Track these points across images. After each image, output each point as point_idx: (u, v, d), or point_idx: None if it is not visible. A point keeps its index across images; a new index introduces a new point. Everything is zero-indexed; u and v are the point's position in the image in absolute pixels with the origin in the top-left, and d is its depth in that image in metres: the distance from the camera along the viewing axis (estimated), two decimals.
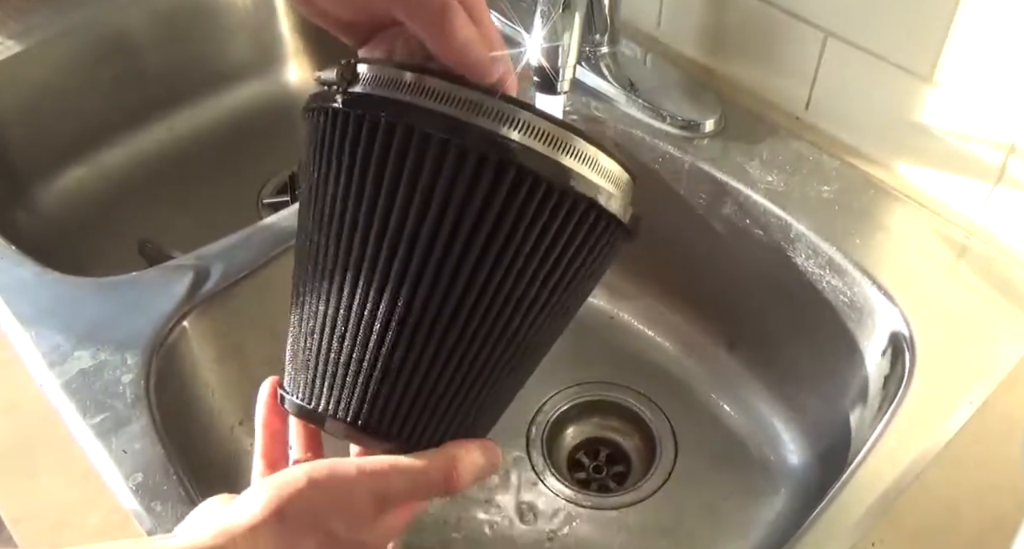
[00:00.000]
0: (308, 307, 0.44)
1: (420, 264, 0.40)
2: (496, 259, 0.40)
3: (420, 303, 0.40)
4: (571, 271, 0.43)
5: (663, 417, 0.82)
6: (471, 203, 0.39)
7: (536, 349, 0.46)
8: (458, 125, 0.39)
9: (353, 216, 0.41)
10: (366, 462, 0.41)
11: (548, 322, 0.44)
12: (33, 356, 0.64)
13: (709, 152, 0.78)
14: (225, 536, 0.38)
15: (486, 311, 0.41)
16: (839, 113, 0.79)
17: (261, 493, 0.40)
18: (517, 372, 0.46)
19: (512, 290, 0.41)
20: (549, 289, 0.43)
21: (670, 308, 0.87)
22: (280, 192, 1.03)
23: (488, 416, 0.47)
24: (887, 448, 0.59)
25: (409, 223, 0.40)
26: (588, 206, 0.41)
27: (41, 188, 0.98)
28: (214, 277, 0.69)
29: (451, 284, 0.40)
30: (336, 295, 0.42)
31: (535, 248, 0.41)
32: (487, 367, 0.43)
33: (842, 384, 0.73)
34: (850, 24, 0.73)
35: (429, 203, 0.40)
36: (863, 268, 0.69)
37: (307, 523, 0.40)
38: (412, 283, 0.40)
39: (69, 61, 0.96)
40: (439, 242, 0.40)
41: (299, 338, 0.45)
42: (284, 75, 1.13)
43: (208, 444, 0.71)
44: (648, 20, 0.90)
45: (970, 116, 0.69)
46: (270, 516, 0.39)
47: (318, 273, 0.43)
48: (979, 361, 0.64)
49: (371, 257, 0.41)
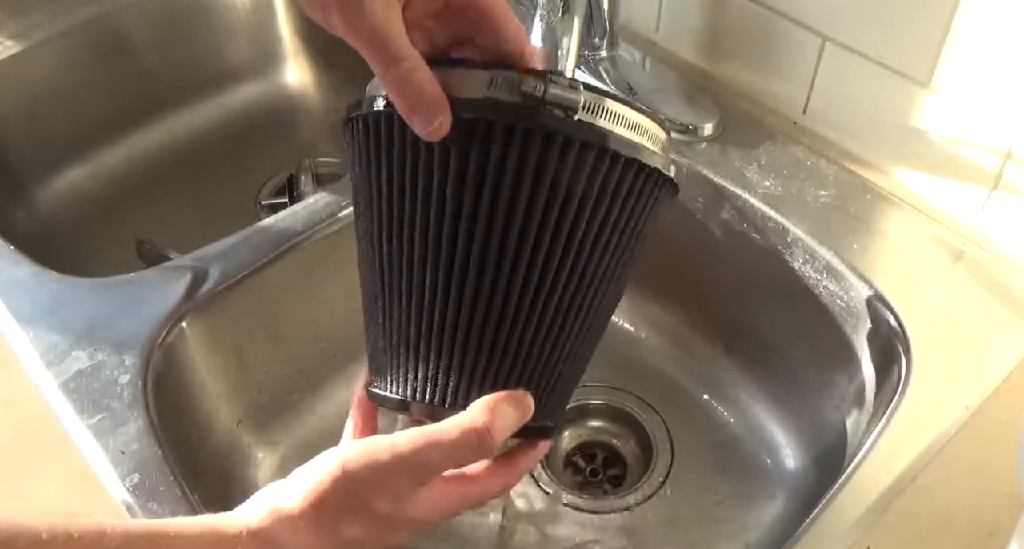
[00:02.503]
0: (390, 302, 0.46)
1: (483, 238, 0.42)
2: (556, 224, 0.43)
3: (489, 278, 0.43)
4: (625, 231, 0.45)
5: (659, 420, 0.82)
6: (523, 176, 0.41)
7: (603, 314, 0.48)
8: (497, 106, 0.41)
9: (412, 208, 0.43)
10: (400, 441, 0.43)
11: (612, 284, 0.47)
12: (30, 356, 0.64)
13: (707, 156, 0.78)
14: (275, 519, 0.42)
15: (554, 276, 0.44)
16: (837, 118, 0.79)
17: (302, 484, 0.42)
18: (590, 338, 0.48)
19: (575, 256, 0.44)
20: (609, 251, 0.45)
21: (667, 311, 0.87)
22: (279, 193, 1.02)
23: (567, 384, 0.49)
24: (883, 452, 0.59)
25: (466, 202, 0.42)
26: (629, 164, 0.43)
27: (39, 188, 0.98)
28: (212, 278, 0.69)
29: (516, 254, 0.43)
30: (407, 288, 0.45)
31: (592, 213, 0.43)
32: (560, 336, 0.46)
33: (838, 388, 0.73)
34: (848, 29, 0.73)
35: (483, 181, 0.42)
36: (860, 273, 0.69)
37: (345, 508, 0.42)
38: (478, 260, 0.43)
39: (68, 61, 0.96)
40: (497, 215, 0.42)
41: (381, 335, 0.47)
42: (283, 76, 1.13)
43: (206, 445, 0.71)
44: (646, 24, 0.90)
45: (967, 122, 0.69)
46: (308, 507, 0.42)
47: (385, 270, 0.45)
48: (975, 366, 0.64)
49: (434, 247, 0.43)
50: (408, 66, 0.41)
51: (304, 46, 1.12)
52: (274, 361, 0.76)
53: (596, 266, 0.45)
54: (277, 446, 0.77)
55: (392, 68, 0.41)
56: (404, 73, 0.41)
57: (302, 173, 0.99)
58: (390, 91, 0.41)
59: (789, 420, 0.79)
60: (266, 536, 0.42)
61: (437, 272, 0.44)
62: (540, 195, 0.42)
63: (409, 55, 0.41)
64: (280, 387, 0.77)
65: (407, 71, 0.41)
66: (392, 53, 0.41)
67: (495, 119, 0.41)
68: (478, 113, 0.41)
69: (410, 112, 0.41)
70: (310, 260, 0.74)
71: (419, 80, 0.41)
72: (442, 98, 0.41)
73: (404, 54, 0.41)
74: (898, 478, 0.58)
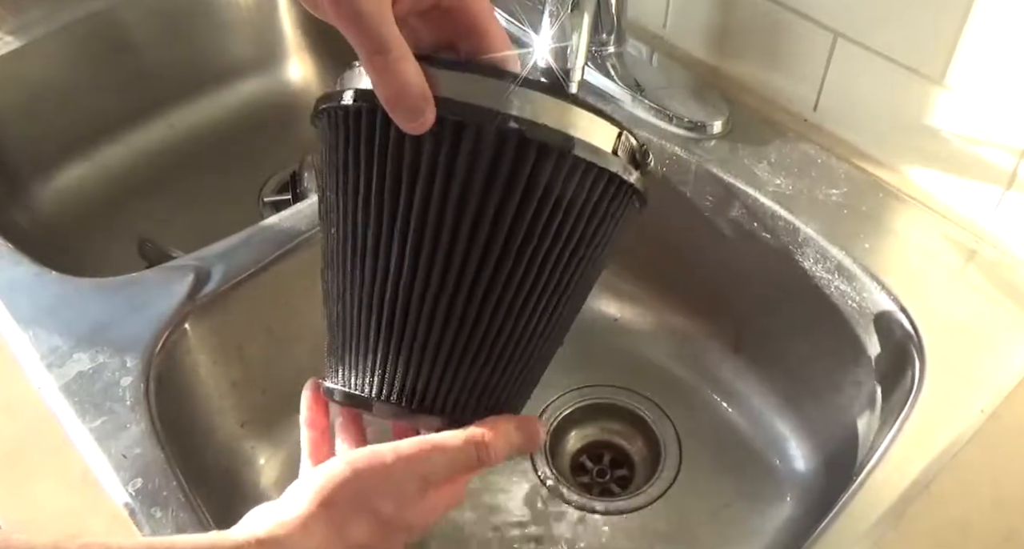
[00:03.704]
0: (345, 297, 0.46)
1: (450, 238, 0.42)
2: (526, 230, 0.43)
3: (454, 278, 0.43)
4: (591, 237, 0.45)
5: (667, 421, 0.81)
6: (495, 180, 0.41)
7: (565, 319, 0.49)
8: (468, 109, 0.41)
9: (378, 202, 0.43)
10: (403, 445, 0.44)
11: (575, 290, 0.47)
12: (31, 358, 0.63)
13: (716, 154, 0.77)
14: (281, 527, 0.41)
15: (520, 282, 0.44)
16: (848, 115, 0.78)
17: (308, 486, 0.43)
18: (550, 342, 0.49)
19: (542, 261, 0.44)
20: (573, 257, 0.45)
21: (675, 311, 0.86)
22: (282, 190, 1.02)
23: (525, 386, 0.50)
24: (896, 457, 0.58)
25: (434, 200, 0.42)
26: (596, 171, 0.43)
27: (40, 186, 0.97)
28: (215, 278, 0.69)
29: (483, 257, 0.43)
30: (371, 280, 0.44)
31: (557, 217, 0.43)
32: (523, 338, 0.46)
33: (849, 390, 0.72)
34: (860, 25, 0.72)
35: (450, 182, 0.41)
36: (872, 273, 0.68)
37: (354, 507, 0.43)
38: (444, 258, 0.42)
39: (68, 57, 0.95)
40: (466, 216, 0.42)
41: (338, 328, 0.47)
42: (286, 72, 1.12)
43: (209, 448, 0.70)
44: (655, 20, 0.89)
45: (981, 120, 0.68)
46: (318, 507, 0.42)
47: (350, 261, 0.45)
48: (989, 368, 0.63)
49: (400, 238, 0.43)
50: (396, 55, 0.40)
51: (307, 41, 1.11)
52: (278, 362, 0.75)
53: (565, 271, 0.45)
54: (281, 449, 0.76)
55: (378, 56, 0.40)
56: (391, 62, 0.40)
57: (305, 170, 0.98)
58: (374, 79, 0.41)
59: (799, 421, 0.78)
60: (275, 541, 0.41)
61: (404, 269, 0.43)
62: (526, 200, 0.42)
63: (398, 44, 0.40)
64: (284, 388, 0.76)
65: (394, 60, 0.40)
66: (380, 40, 0.40)
67: (485, 122, 0.41)
68: (465, 116, 0.41)
69: (394, 103, 0.41)
70: (314, 260, 0.72)
71: (406, 71, 0.40)
72: (427, 92, 0.41)
73: (392, 43, 0.40)
74: (912, 484, 0.57)
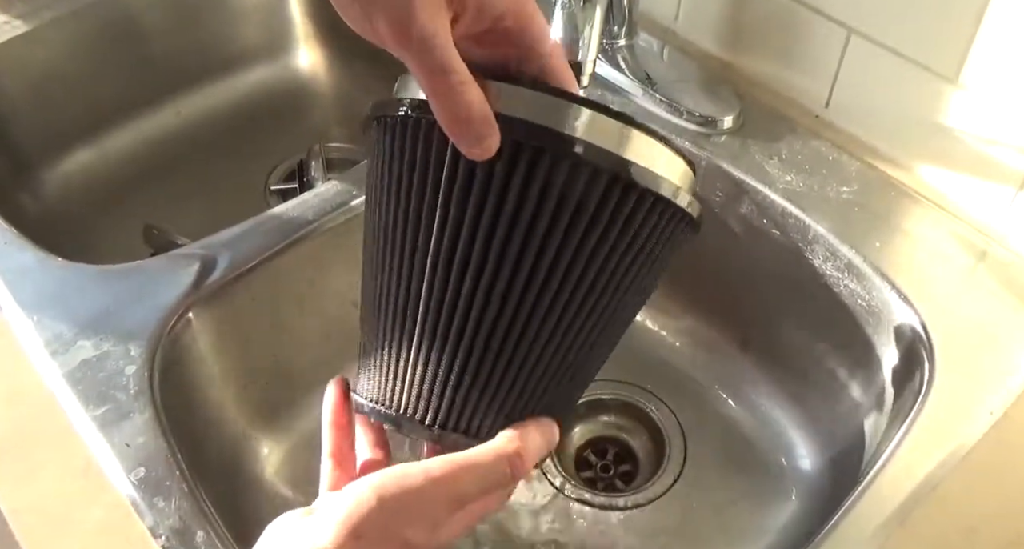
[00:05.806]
0: (385, 313, 0.45)
1: (497, 260, 0.41)
2: (573, 255, 0.42)
3: (498, 299, 0.42)
4: (637, 263, 0.44)
5: (672, 417, 0.81)
6: (545, 203, 0.40)
7: (607, 347, 0.48)
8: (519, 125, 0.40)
9: (428, 221, 0.42)
10: (433, 467, 0.42)
11: (619, 320, 0.46)
12: (35, 344, 0.63)
13: (727, 149, 0.77)
14: None
15: (563, 311, 0.43)
16: (860, 112, 0.77)
17: (334, 516, 0.40)
18: (588, 370, 0.48)
19: (588, 291, 0.43)
20: (616, 283, 0.44)
21: (682, 307, 0.86)
22: (289, 178, 1.02)
23: (563, 407, 0.48)
24: (904, 459, 0.58)
25: (483, 223, 0.41)
26: (650, 197, 0.42)
27: (46, 172, 0.97)
28: (221, 267, 0.68)
29: (528, 280, 0.42)
30: (415, 300, 0.43)
31: (620, 249, 0.42)
32: (563, 367, 0.45)
33: (857, 389, 0.72)
34: (874, 21, 0.71)
35: (503, 205, 0.40)
36: (882, 272, 0.68)
37: (384, 537, 0.41)
38: (489, 280, 0.41)
39: (76, 43, 0.95)
40: (514, 240, 0.41)
41: (375, 343, 0.46)
42: (294, 60, 1.11)
43: (212, 438, 0.70)
44: (666, 13, 0.88)
45: (995, 119, 0.68)
46: (347, 539, 0.40)
47: (395, 279, 0.44)
48: (999, 370, 0.63)
49: (446, 258, 0.42)
50: (457, 79, 0.39)
51: (316, 29, 1.10)
52: (283, 352, 0.75)
53: (609, 295, 0.44)
54: (284, 439, 0.76)
55: (440, 79, 0.39)
56: (454, 86, 0.39)
57: (312, 158, 0.98)
58: (434, 104, 0.39)
59: (805, 420, 0.78)
60: None
61: (447, 287, 0.42)
62: (577, 223, 0.41)
63: (458, 68, 0.39)
64: (289, 379, 0.76)
65: (457, 84, 0.39)
66: (440, 63, 0.38)
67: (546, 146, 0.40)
68: (528, 137, 0.40)
69: (456, 128, 0.39)
70: (320, 250, 0.73)
71: (468, 95, 0.39)
72: (491, 117, 0.39)
73: (453, 66, 0.39)
74: (919, 486, 0.57)
